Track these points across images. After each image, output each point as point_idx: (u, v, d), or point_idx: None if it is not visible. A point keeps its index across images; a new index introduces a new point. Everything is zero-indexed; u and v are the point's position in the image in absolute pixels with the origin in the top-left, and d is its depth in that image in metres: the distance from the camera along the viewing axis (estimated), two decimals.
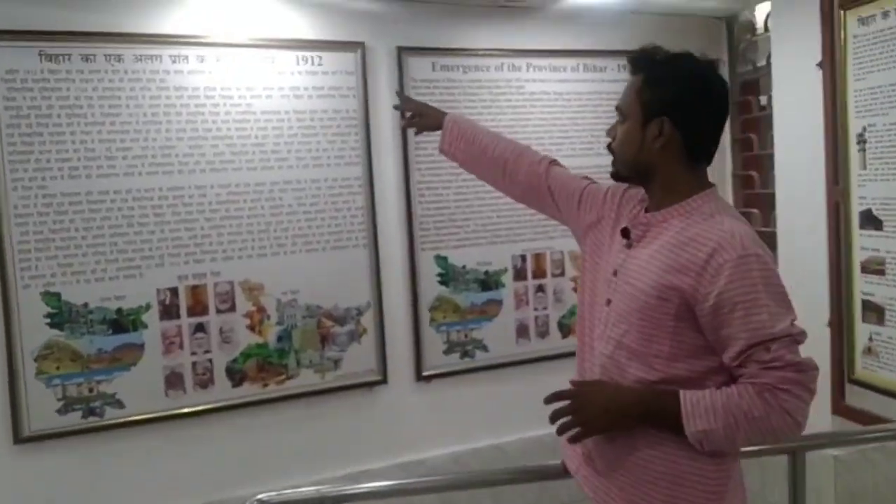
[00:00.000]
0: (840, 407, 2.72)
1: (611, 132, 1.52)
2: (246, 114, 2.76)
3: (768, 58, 3.39)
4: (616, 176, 1.52)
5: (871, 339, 2.58)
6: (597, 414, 1.38)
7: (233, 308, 2.79)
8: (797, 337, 1.29)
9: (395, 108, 2.21)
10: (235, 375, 2.81)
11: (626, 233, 1.47)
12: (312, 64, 2.85)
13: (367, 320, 2.99)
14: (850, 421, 2.68)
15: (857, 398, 2.67)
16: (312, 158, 2.86)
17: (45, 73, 2.51)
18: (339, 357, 2.95)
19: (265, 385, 2.85)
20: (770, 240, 2.90)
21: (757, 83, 3.57)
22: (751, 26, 3.55)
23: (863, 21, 2.52)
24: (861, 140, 2.55)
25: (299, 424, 2.93)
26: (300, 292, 2.88)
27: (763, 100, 3.57)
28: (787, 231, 3.00)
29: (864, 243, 2.58)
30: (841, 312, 2.69)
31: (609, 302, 1.46)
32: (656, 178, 1.44)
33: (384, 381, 3.03)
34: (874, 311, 2.56)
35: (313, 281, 2.89)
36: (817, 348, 2.73)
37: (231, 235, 2.77)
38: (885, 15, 2.44)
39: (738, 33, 3.58)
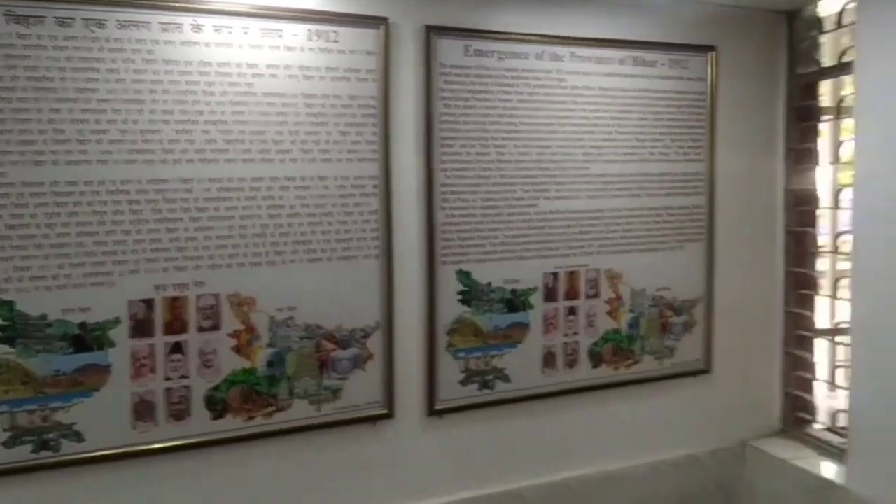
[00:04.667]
0: None
1: None
2: (245, 95, 2.47)
3: (839, 57, 3.21)
4: None
5: None
6: None
7: (217, 326, 2.51)
8: None
9: None
10: (216, 406, 2.52)
11: None
12: (327, 40, 2.57)
13: (375, 344, 2.72)
14: None
15: None
16: (321, 151, 2.59)
17: (13, 37, 2.19)
18: (339, 386, 2.68)
19: (250, 418, 2.57)
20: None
21: (818, 86, 3.37)
22: (816, 22, 3.34)
23: None
24: None
25: (289, 464, 2.66)
26: (298, 309, 2.60)
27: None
28: (866, 255, 2.80)
29: None
30: None
31: None
32: None
33: (390, 414, 2.76)
34: None
35: (314, 296, 2.62)
36: None
37: (220, 239, 2.48)
38: None
39: (800, 30, 3.37)
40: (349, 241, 2.65)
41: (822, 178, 3.43)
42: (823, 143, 3.46)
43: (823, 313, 3.53)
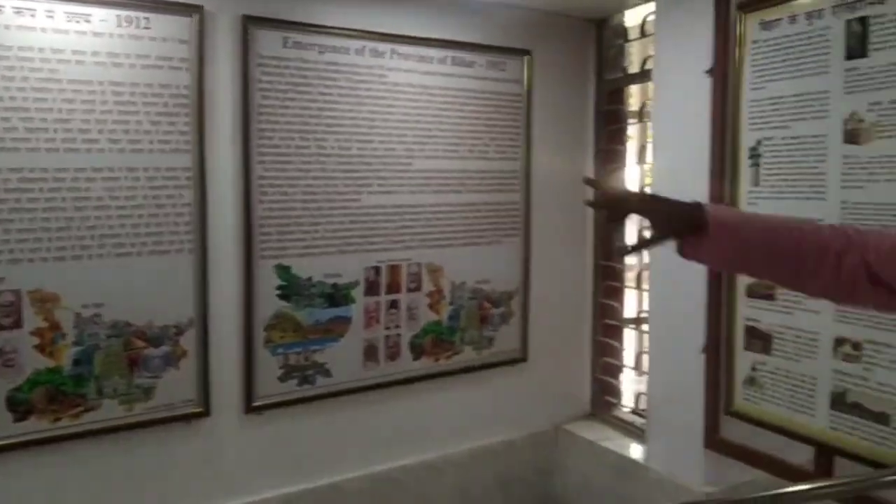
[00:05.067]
0: (714, 440, 2.75)
1: None
2: (49, 81, 2.35)
3: (642, 65, 3.42)
4: None
5: (753, 368, 2.61)
6: None
7: (18, 323, 2.38)
8: None
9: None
10: (19, 407, 2.39)
11: None
12: (137, 27, 2.48)
13: (189, 341, 2.66)
14: (725, 455, 2.72)
15: (733, 431, 2.71)
16: (130, 142, 2.50)
17: None
18: (151, 385, 2.61)
19: (56, 419, 2.46)
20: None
21: (625, 91, 3.59)
22: (622, 30, 3.55)
23: (765, 25, 2.52)
24: (754, 154, 2.56)
25: (99, 466, 2.57)
26: (105, 306, 2.51)
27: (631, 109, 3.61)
28: (660, 249, 2.99)
29: None
30: (718, 339, 2.71)
31: None
32: None
33: (206, 413, 2.71)
34: (759, 339, 2.59)
35: (123, 292, 2.53)
36: (691, 376, 2.78)
37: (21, 233, 2.35)
38: (793, 20, 2.43)
39: (608, 38, 3.57)
40: (161, 234, 2.57)
41: (629, 177, 3.65)
42: (631, 145, 3.67)
43: (630, 304, 3.75)
